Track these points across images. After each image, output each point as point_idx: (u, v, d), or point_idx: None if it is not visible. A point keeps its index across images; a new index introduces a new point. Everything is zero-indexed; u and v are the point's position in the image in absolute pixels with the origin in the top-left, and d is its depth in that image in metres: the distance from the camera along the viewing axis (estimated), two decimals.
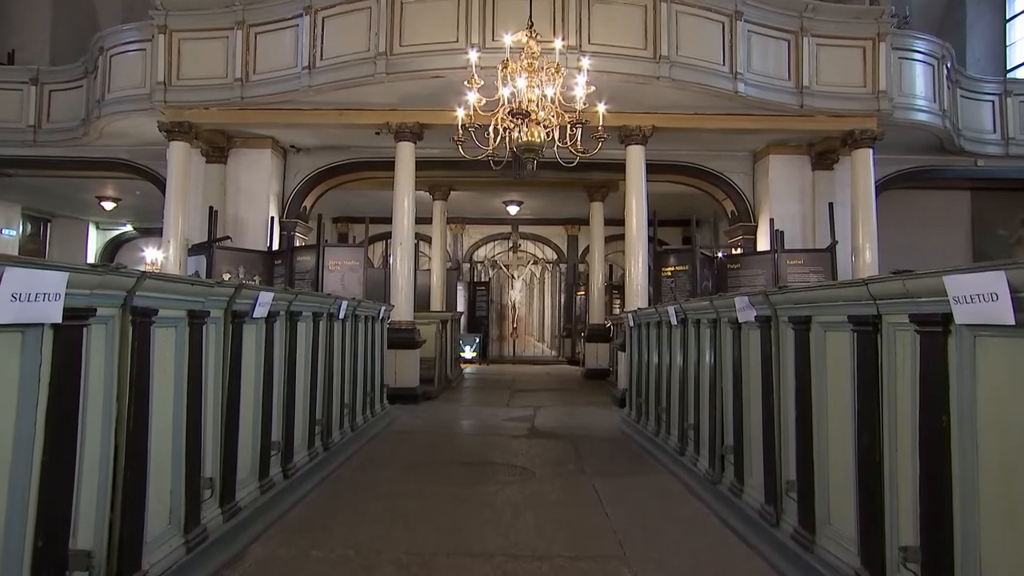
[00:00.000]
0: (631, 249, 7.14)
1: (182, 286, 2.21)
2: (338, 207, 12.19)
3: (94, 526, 1.72)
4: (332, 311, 3.99)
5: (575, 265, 13.73)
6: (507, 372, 11.13)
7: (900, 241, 8.37)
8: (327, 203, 9.95)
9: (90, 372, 1.70)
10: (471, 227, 14.05)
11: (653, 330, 4.70)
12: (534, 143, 4.32)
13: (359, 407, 4.80)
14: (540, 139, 4.33)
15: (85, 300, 1.65)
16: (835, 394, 2.18)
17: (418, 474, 3.86)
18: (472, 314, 13.41)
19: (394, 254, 7.15)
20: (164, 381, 2.09)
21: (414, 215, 7.23)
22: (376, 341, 5.37)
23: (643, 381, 5.02)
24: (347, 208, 12.42)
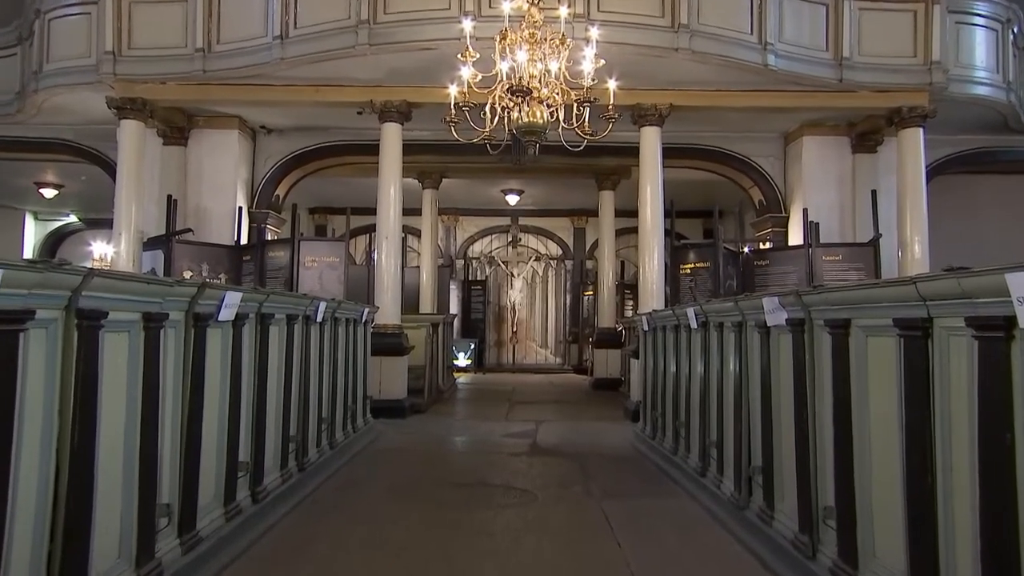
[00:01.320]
0: (645, 243, 7.12)
1: (136, 285, 2.18)
2: (315, 196, 12.18)
3: (29, 560, 1.68)
4: (308, 313, 3.97)
5: (582, 262, 13.74)
6: (506, 382, 11.11)
7: (954, 234, 8.26)
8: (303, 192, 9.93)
9: (27, 383, 1.66)
10: (465, 219, 14.04)
11: (670, 335, 4.67)
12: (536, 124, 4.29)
13: (339, 422, 4.78)
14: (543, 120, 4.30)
15: (21, 301, 1.61)
16: (879, 408, 2.14)
17: (405, 497, 3.84)
18: (467, 317, 13.40)
19: (379, 249, 7.14)
20: (115, 393, 2.06)
21: (401, 205, 7.21)
22: (358, 347, 5.35)
23: (659, 392, 5.00)
24: (325, 197, 12.44)
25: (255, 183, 8.40)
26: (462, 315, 13.28)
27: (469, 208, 13.67)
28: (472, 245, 14.27)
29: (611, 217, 10.21)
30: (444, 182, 10.57)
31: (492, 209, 13.53)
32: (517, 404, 8.29)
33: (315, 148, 8.52)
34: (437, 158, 9.05)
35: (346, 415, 5.01)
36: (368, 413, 5.77)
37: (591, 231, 13.53)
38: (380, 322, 6.81)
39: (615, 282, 10.41)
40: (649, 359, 5.38)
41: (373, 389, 6.21)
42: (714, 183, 9.50)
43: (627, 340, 8.76)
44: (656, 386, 5.11)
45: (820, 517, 2.48)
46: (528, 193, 12.15)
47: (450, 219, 13.81)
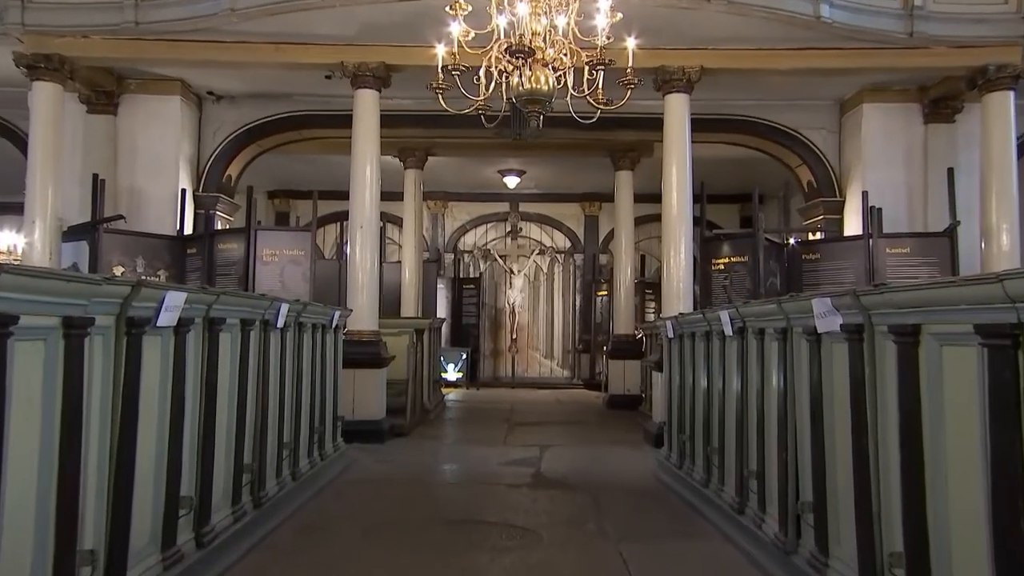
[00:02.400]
0: (670, 234, 7.11)
1: (54, 283, 2.13)
2: (275, 177, 12.24)
3: None
4: (268, 318, 3.95)
5: (595, 256, 13.75)
6: (504, 399, 11.12)
7: None
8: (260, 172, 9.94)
9: None
10: (456, 205, 14.07)
11: (700, 343, 4.67)
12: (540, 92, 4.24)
13: (304, 447, 4.76)
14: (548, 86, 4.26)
15: None
16: (957, 432, 2.10)
17: (382, 539, 3.82)
18: (457, 321, 13.43)
19: (352, 241, 7.13)
20: (26, 415, 2.01)
21: (379, 189, 7.21)
22: (328, 358, 5.34)
23: (686, 412, 5.00)
24: (288, 179, 12.50)
25: (201, 161, 8.38)
26: (452, 320, 13.30)
27: (460, 192, 13.70)
28: (464, 236, 14.28)
29: (629, 203, 10.20)
30: (430, 161, 10.56)
31: (487, 193, 13.55)
32: (517, 426, 8.28)
33: (275, 119, 8.51)
34: (421, 132, 9.04)
35: (312, 439, 4.98)
36: (339, 437, 5.75)
37: (605, 219, 13.54)
38: (354, 328, 6.81)
39: (634, 280, 10.42)
40: (674, 372, 5.37)
41: (345, 408, 6.19)
42: (753, 161, 9.49)
43: (648, 349, 8.75)
44: (683, 405, 5.09)
45: (886, 565, 2.44)
46: (530, 174, 12.16)
47: (437, 205, 13.82)
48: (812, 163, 8.48)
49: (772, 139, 8.59)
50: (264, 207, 12.87)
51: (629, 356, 9.74)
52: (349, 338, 6.58)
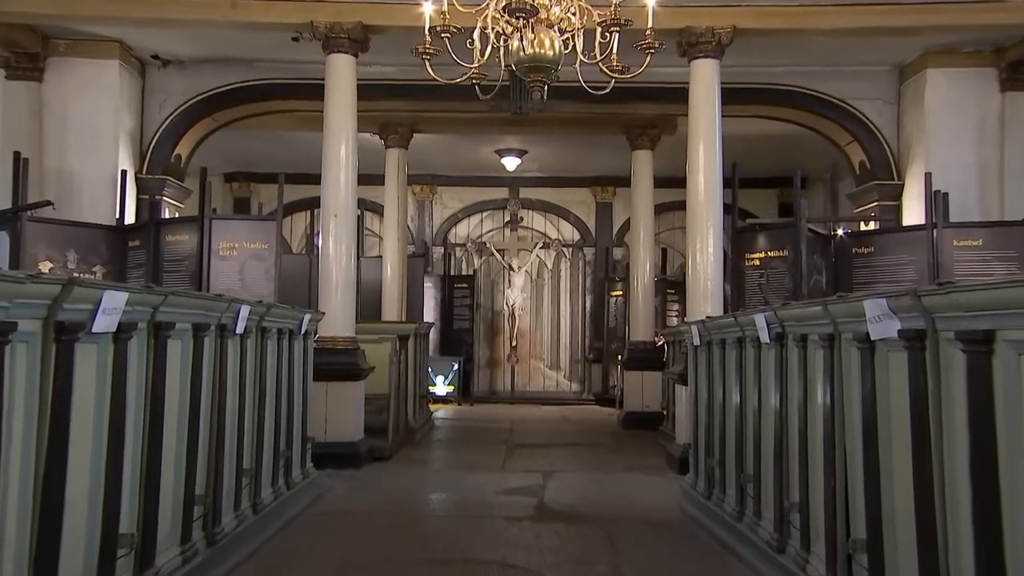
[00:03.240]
0: (697, 224, 7.11)
1: None
2: (233, 157, 12.24)
3: None
4: (225, 322, 3.94)
5: (608, 250, 13.77)
6: (502, 416, 11.11)
7: None
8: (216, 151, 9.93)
9: None
10: (446, 190, 14.08)
11: (731, 351, 4.67)
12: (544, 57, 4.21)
13: (267, 475, 4.75)
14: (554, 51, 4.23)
15: None
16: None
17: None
18: (448, 326, 13.44)
19: (324, 232, 7.13)
20: None
21: (356, 171, 7.21)
22: (296, 369, 5.34)
23: (716, 432, 5.00)
24: (248, 159, 12.50)
25: (145, 138, 8.36)
26: (441, 324, 13.30)
27: (451, 175, 13.70)
28: (455, 227, 14.29)
29: (648, 187, 10.20)
30: (416, 139, 10.56)
31: (483, 177, 13.54)
32: (518, 448, 8.29)
33: (232, 89, 8.49)
34: (406, 105, 9.03)
35: (277, 465, 4.97)
36: (309, 462, 5.75)
37: (620, 207, 13.55)
38: (326, 334, 6.81)
39: (654, 278, 10.41)
40: (702, 386, 5.37)
41: (316, 428, 6.19)
42: (795, 138, 9.49)
43: (670, 359, 8.73)
44: (712, 424, 5.09)
45: None
46: (533, 155, 12.15)
47: (424, 190, 13.82)
48: (864, 140, 8.47)
49: (817, 112, 8.57)
50: (220, 192, 12.85)
51: (648, 367, 9.74)
52: (321, 346, 6.58)
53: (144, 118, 8.36)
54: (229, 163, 12.59)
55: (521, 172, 12.92)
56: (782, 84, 8.45)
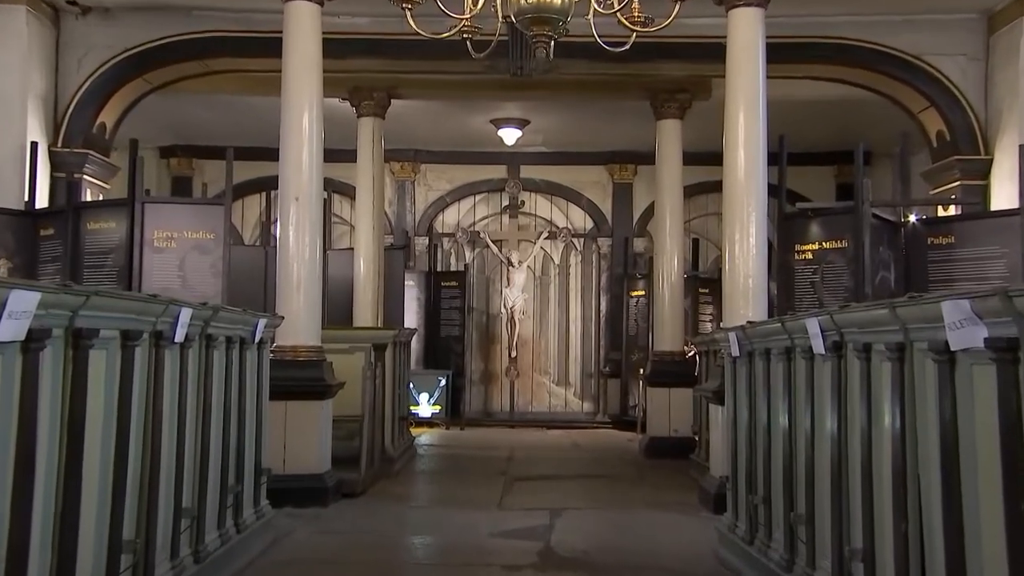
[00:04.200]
0: (735, 209, 7.10)
1: None
2: (171, 128, 12.24)
3: None
4: (161, 328, 3.91)
5: (627, 241, 13.77)
6: (499, 442, 11.11)
7: None
8: (149, 120, 9.91)
9: None
10: (432, 169, 14.09)
11: (778, 364, 4.65)
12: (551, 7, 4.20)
13: (212, 515, 4.72)
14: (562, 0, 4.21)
15: None
16: None
17: None
18: (433, 333, 13.44)
19: (284, 219, 7.11)
20: None
21: (322, 145, 7.19)
22: (248, 386, 5.31)
23: (759, 463, 4.98)
24: (190, 130, 12.50)
25: (61, 102, 8.34)
26: (426, 331, 13.31)
27: (437, 151, 13.71)
28: (443, 213, 14.30)
29: (677, 165, 10.19)
30: (395, 106, 10.56)
31: (476, 153, 13.55)
32: (519, 481, 8.28)
33: (169, 43, 8.48)
34: (383, 64, 9.03)
35: (225, 503, 4.93)
36: (264, 499, 5.73)
37: (643, 189, 13.56)
38: (286, 343, 6.81)
39: (683, 275, 10.40)
40: (741, 406, 5.36)
41: (274, 457, 6.16)
42: (857, 104, 9.49)
43: (704, 373, 8.71)
44: (754, 453, 5.08)
45: None
46: (537, 125, 12.15)
47: (405, 169, 13.83)
48: (944, 105, 8.46)
49: (884, 71, 8.56)
50: (155, 170, 12.86)
51: (676, 383, 9.74)
52: (280, 357, 6.56)
53: (59, 78, 8.33)
54: (166, 134, 12.59)
55: (522, 147, 12.91)
56: (841, 37, 8.45)
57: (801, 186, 11.41)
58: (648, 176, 12.24)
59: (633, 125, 11.23)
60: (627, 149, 13.30)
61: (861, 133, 8.27)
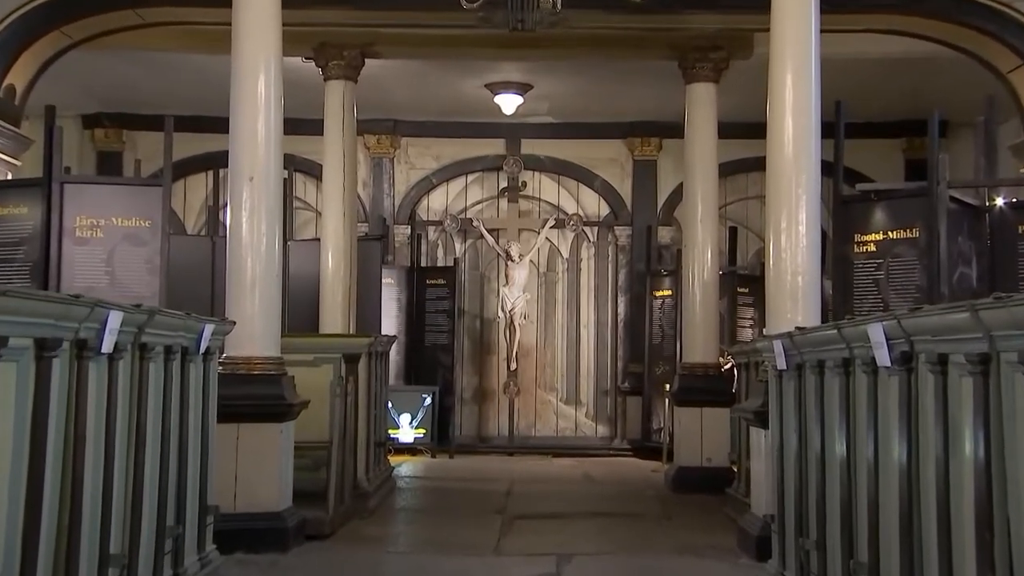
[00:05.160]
0: (782, 191, 7.08)
1: None
2: (98, 93, 12.25)
3: None
4: (85, 336, 3.89)
5: (650, 230, 13.75)
6: (496, 473, 11.11)
7: None
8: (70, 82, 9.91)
9: None
10: (415, 143, 14.08)
11: (834, 378, 4.66)
12: None
13: (146, 563, 4.70)
14: None
15: None
16: None
17: None
18: (417, 342, 13.44)
19: (234, 204, 7.09)
20: None
21: (281, 114, 7.18)
22: (192, 406, 5.31)
23: (811, 499, 4.97)
24: (120, 96, 12.50)
25: None
26: (408, 339, 13.31)
27: (421, 122, 13.68)
28: (428, 196, 14.28)
29: (711, 138, 10.17)
30: (369, 67, 10.56)
31: (468, 124, 13.54)
32: (519, 520, 8.28)
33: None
34: (355, 16, 9.05)
35: (162, 549, 4.92)
36: (211, 543, 5.72)
37: (669, 167, 13.55)
38: (239, 353, 6.81)
39: (718, 271, 10.39)
40: (789, 430, 5.37)
41: (223, 492, 6.16)
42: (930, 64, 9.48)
43: (743, 390, 8.68)
44: (804, 486, 5.09)
45: None
46: (541, 91, 12.13)
47: (383, 143, 13.81)
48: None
49: (965, 22, 8.55)
50: (78, 143, 12.82)
51: (710, 401, 9.74)
52: (231, 371, 6.56)
53: None
54: (90, 100, 12.55)
55: (524, 117, 12.88)
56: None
57: (862, 163, 11.38)
58: (675, 152, 12.22)
59: (657, 90, 11.22)
60: (650, 119, 13.27)
61: (936, 99, 8.24)
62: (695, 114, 10.18)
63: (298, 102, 8.12)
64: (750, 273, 12.25)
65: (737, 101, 10.01)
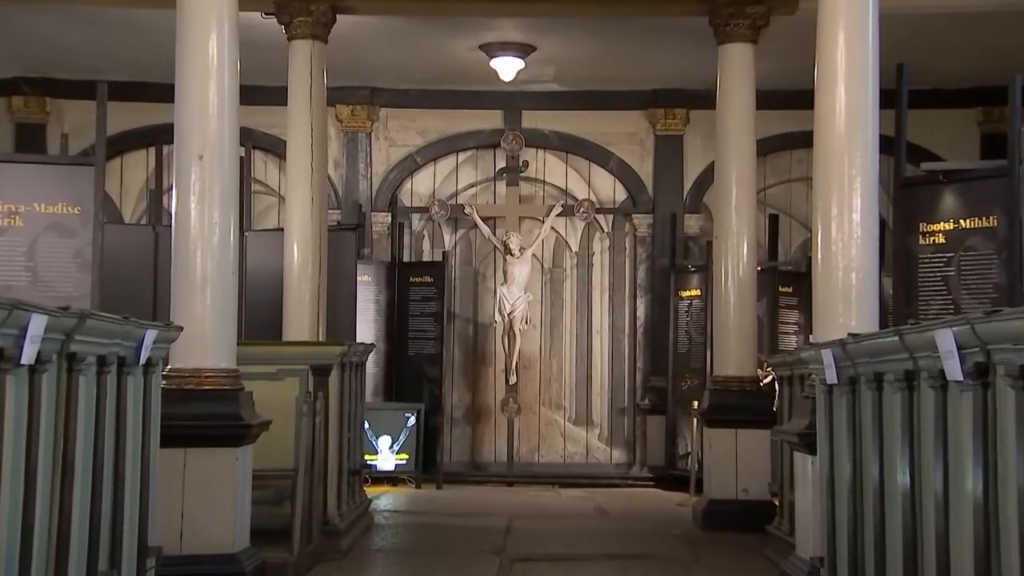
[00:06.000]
0: (832, 172, 7.09)
1: None
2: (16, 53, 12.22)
3: None
4: (1, 344, 3.85)
5: (675, 218, 13.77)
6: (491, 506, 11.16)
7: None
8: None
9: None
10: (396, 116, 14.10)
11: (895, 395, 4.68)
12: None
13: None
14: None
15: None
16: None
17: None
18: (398, 351, 13.48)
19: (181, 187, 7.08)
20: None
21: (237, 81, 7.17)
22: (129, 426, 5.30)
23: (869, 538, 4.97)
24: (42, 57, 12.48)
25: None
26: (388, 347, 13.35)
27: (404, 90, 13.73)
28: (411, 179, 14.31)
29: (748, 109, 10.17)
30: (341, 25, 10.59)
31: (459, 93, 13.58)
32: (520, 563, 8.30)
33: None
34: None
35: None
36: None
37: (697, 143, 13.58)
38: (186, 364, 6.82)
39: (756, 267, 10.42)
40: (841, 455, 5.39)
41: (167, 531, 6.16)
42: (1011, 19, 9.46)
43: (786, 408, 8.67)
44: (861, 523, 5.09)
45: None
46: (546, 53, 12.15)
47: (358, 115, 13.82)
48: None
49: None
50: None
51: (746, 422, 9.76)
52: (177, 385, 6.57)
53: None
54: (7, 62, 12.53)
55: (526, 83, 12.90)
56: None
57: (929, 138, 11.44)
58: (705, 125, 12.20)
59: (684, 52, 11.26)
60: (675, 87, 13.28)
61: (1018, 61, 8.18)
62: (729, 80, 10.18)
63: (257, 66, 8.12)
64: (794, 269, 12.27)
65: (779, 65, 10.03)
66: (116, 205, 12.82)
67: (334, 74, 10.88)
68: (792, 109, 9.79)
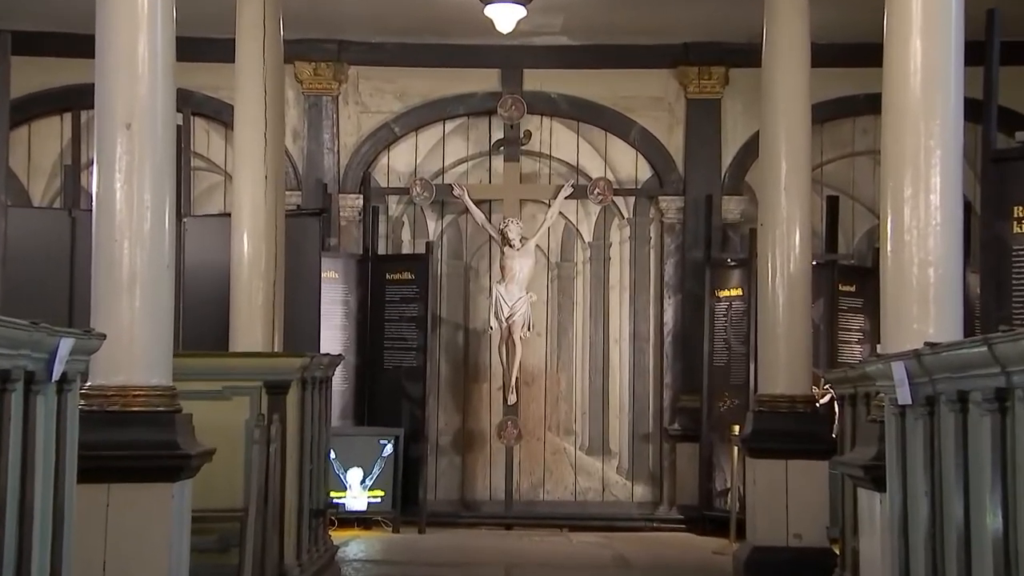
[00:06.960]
0: (905, 144, 7.11)
1: None
2: None
3: None
4: None
5: (710, 201, 13.84)
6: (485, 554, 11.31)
7: None
8: None
9: None
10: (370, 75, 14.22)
11: (982, 419, 4.69)
12: None
13: None
14: None
15: None
16: None
17: None
18: (372, 364, 13.59)
19: (103, 162, 7.08)
20: None
21: (173, 32, 7.17)
22: (38, 457, 5.28)
23: None
24: None
25: None
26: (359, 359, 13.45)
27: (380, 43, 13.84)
28: (388, 152, 14.42)
29: (801, 67, 10.16)
30: None
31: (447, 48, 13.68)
32: None
33: None
34: None
35: None
36: None
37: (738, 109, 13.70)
38: (110, 381, 6.82)
39: (811, 261, 10.46)
40: (916, 492, 5.44)
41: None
42: None
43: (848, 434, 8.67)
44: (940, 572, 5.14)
45: None
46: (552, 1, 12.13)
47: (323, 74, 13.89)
48: None
49: None
50: None
51: (798, 451, 9.80)
52: (99, 406, 6.59)
53: None
54: None
55: (528, 37, 12.96)
56: None
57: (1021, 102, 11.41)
58: (748, 88, 12.31)
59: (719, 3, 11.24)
60: (712, 39, 13.36)
61: None
62: (777, 32, 10.16)
63: (198, 14, 8.13)
64: (858, 264, 12.30)
65: (838, 14, 10.01)
66: (23, 184, 12.79)
67: (293, 24, 10.92)
68: (855, 67, 9.78)
